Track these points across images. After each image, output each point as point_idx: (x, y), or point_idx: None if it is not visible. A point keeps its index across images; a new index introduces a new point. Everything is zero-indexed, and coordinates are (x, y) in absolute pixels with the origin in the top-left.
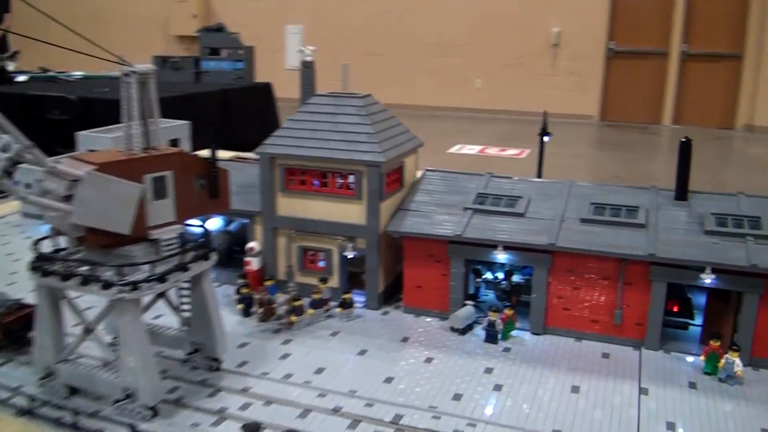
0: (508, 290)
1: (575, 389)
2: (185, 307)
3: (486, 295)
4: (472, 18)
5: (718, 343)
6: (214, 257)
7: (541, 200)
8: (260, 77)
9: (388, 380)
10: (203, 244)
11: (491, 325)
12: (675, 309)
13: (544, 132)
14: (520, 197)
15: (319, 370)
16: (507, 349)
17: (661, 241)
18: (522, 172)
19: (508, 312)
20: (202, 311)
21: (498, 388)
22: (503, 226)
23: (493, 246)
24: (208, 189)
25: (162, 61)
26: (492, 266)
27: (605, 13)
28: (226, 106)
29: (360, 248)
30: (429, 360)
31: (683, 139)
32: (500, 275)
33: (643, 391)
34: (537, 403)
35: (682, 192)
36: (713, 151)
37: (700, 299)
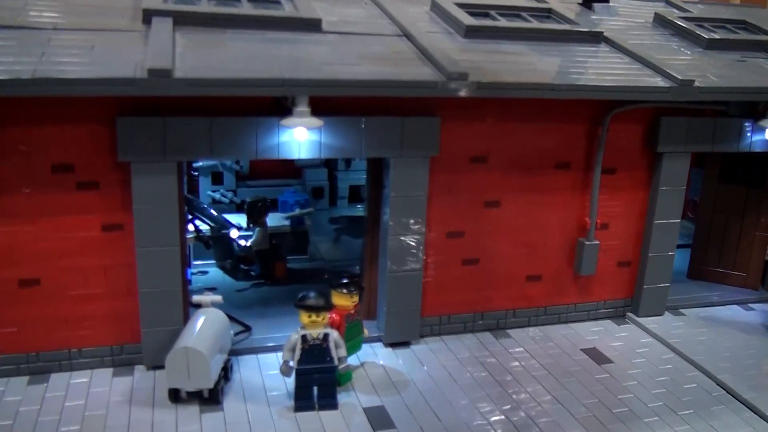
0: (243, 251)
1: None
2: None
3: (193, 274)
4: None
5: None
6: None
7: (335, 5)
8: None
9: None
10: None
11: (315, 353)
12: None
13: None
14: None
15: None
16: (380, 415)
17: (662, 61)
18: None
19: (346, 302)
20: None
21: None
22: (282, 51)
23: (277, 110)
24: None
25: None
26: (200, 210)
27: None
28: None
29: None
30: None
31: None
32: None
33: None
34: None
35: None
36: None
37: None
